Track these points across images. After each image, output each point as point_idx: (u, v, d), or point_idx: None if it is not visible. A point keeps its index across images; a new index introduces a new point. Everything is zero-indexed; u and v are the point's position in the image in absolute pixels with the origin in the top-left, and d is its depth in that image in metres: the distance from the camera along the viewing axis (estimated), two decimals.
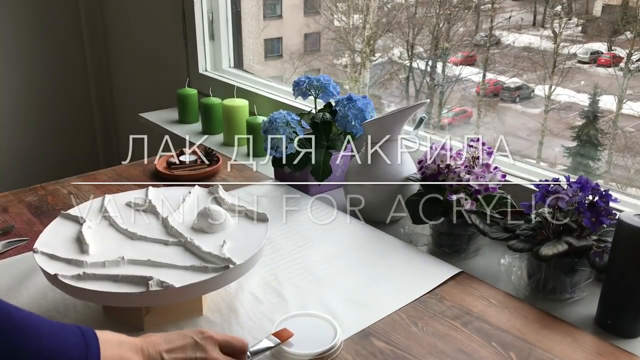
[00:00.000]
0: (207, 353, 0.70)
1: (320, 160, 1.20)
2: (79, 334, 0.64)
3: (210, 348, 0.71)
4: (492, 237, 0.95)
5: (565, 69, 1.42)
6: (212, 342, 0.72)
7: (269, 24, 2.14)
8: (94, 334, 0.65)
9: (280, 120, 1.20)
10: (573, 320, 0.86)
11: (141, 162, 1.41)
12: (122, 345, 0.67)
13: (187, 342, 0.71)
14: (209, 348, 0.71)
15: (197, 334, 0.72)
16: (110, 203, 1.03)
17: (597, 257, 0.86)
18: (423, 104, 1.12)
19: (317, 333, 0.80)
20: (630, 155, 1.32)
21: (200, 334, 0.72)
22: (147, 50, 2.23)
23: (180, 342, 0.71)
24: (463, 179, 0.97)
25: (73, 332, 0.63)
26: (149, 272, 0.80)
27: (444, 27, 1.66)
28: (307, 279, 0.95)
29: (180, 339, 0.71)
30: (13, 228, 1.10)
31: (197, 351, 0.70)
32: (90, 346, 0.63)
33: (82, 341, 0.63)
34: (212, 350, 0.71)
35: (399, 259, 1.01)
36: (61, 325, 0.64)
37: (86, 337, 0.64)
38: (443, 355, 0.78)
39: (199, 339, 0.71)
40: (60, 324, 0.64)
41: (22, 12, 2.36)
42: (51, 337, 0.61)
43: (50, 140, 2.57)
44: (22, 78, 2.44)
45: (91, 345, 0.64)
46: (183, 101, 1.76)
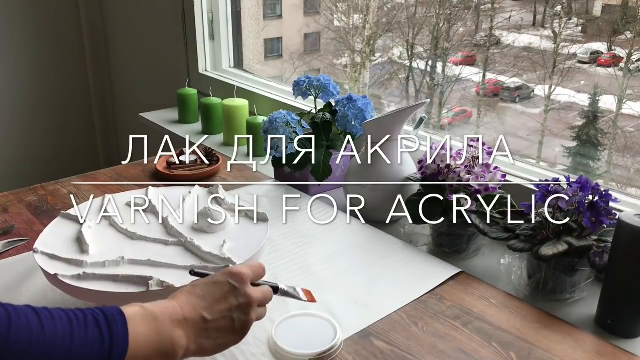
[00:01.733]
0: (248, 295, 0.67)
1: (320, 160, 1.20)
2: (102, 320, 0.59)
3: (248, 288, 0.67)
4: (492, 237, 0.95)
5: (565, 69, 1.42)
6: (247, 282, 0.68)
7: (269, 24, 2.14)
8: (120, 316, 0.60)
9: (280, 120, 1.20)
10: (573, 320, 0.86)
11: (141, 162, 1.41)
12: (158, 320, 0.62)
13: (225, 290, 0.66)
14: (247, 289, 0.67)
15: (229, 276, 0.67)
16: (110, 203, 1.03)
17: (597, 257, 0.86)
18: (423, 104, 1.12)
19: (317, 333, 0.80)
20: (630, 155, 1.32)
21: (233, 276, 0.67)
22: (147, 50, 2.23)
23: (218, 292, 0.66)
24: (463, 179, 0.97)
25: (94, 319, 0.59)
26: (149, 272, 0.80)
27: (444, 27, 1.66)
28: (307, 279, 0.95)
29: (217, 290, 0.67)
30: (13, 228, 1.10)
31: (237, 297, 0.67)
32: (116, 331, 0.59)
33: (105, 328, 0.58)
34: (250, 290, 0.67)
35: (399, 259, 1.01)
36: (79, 317, 0.59)
37: (111, 321, 0.59)
38: (443, 355, 0.78)
39: (235, 282, 0.67)
40: (79, 313, 0.59)
41: (22, 12, 2.36)
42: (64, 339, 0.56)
43: (50, 140, 2.57)
44: (22, 78, 2.44)
45: (117, 330, 0.59)
46: (183, 101, 1.76)
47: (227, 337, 0.67)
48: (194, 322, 0.64)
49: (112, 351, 0.58)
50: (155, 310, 0.63)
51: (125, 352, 0.59)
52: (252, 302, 0.67)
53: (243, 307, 0.67)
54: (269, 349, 0.78)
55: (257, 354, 0.77)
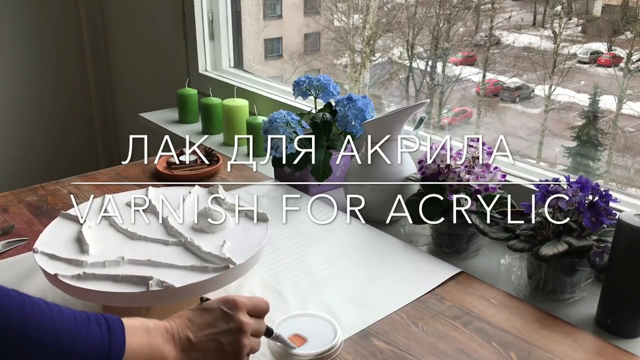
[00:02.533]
0: (238, 321, 0.68)
1: (320, 160, 1.20)
2: (103, 323, 0.62)
3: (241, 315, 0.69)
4: (492, 237, 0.95)
5: (565, 69, 1.42)
6: (241, 309, 0.69)
7: (269, 24, 2.14)
8: (119, 322, 0.63)
9: (280, 120, 1.20)
10: (573, 320, 0.86)
11: (141, 162, 1.41)
12: (152, 333, 0.65)
13: (216, 316, 0.68)
14: (239, 315, 0.69)
15: (223, 303, 0.69)
16: (110, 203, 1.03)
17: (597, 257, 0.86)
18: (423, 104, 1.12)
19: (317, 333, 0.80)
20: (630, 155, 1.32)
21: (227, 303, 0.69)
22: (147, 50, 2.23)
23: (208, 317, 0.68)
24: (463, 179, 0.97)
25: (96, 321, 0.62)
26: (149, 272, 0.80)
27: (444, 27, 1.66)
28: (307, 279, 0.95)
29: (208, 315, 0.69)
30: (13, 228, 1.10)
31: (228, 322, 0.68)
32: (115, 335, 0.61)
33: (105, 330, 0.61)
34: (243, 316, 0.69)
35: (399, 259, 1.01)
36: (83, 316, 0.62)
37: (111, 325, 0.62)
38: (443, 355, 0.78)
39: (227, 309, 0.69)
40: (83, 314, 0.62)
41: (22, 12, 2.36)
42: (69, 331, 0.59)
43: (50, 140, 2.57)
44: (22, 78, 2.44)
45: (116, 334, 0.62)
46: (183, 101, 1.76)
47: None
48: (180, 341, 0.67)
49: (110, 352, 0.60)
50: (150, 324, 0.66)
51: (121, 356, 0.61)
52: (244, 328, 0.68)
53: (233, 332, 0.68)
54: (269, 349, 0.78)
55: (257, 354, 0.77)
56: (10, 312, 0.57)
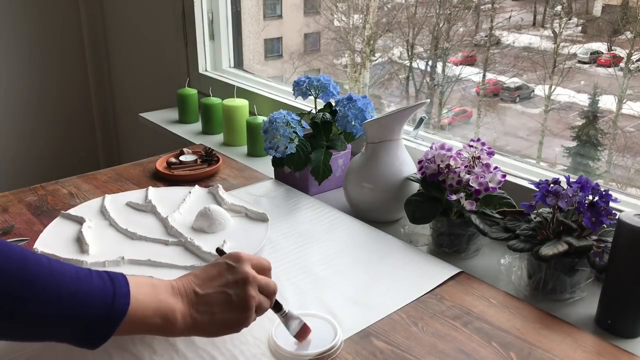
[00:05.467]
0: (244, 272, 0.69)
1: (320, 160, 1.20)
2: (106, 277, 0.62)
3: (245, 266, 0.70)
4: (492, 237, 0.95)
5: (565, 69, 1.42)
6: (245, 262, 0.71)
7: (269, 24, 2.14)
8: (122, 277, 0.64)
9: (280, 120, 1.20)
10: (573, 320, 0.86)
11: (141, 162, 1.41)
12: (157, 288, 0.66)
13: (221, 269, 0.70)
14: (244, 266, 0.70)
15: (226, 257, 0.72)
16: (110, 203, 1.03)
17: (597, 257, 0.86)
18: (423, 104, 1.12)
19: (317, 333, 0.80)
20: (630, 155, 1.32)
21: (231, 257, 0.71)
22: (147, 50, 2.23)
23: (213, 271, 0.70)
24: (463, 179, 0.98)
25: (98, 275, 0.62)
26: (149, 272, 0.80)
27: (444, 27, 1.66)
28: (307, 278, 0.95)
29: (213, 269, 0.71)
30: (13, 228, 1.10)
31: (233, 273, 0.69)
32: (119, 287, 0.62)
33: (108, 283, 0.62)
34: (247, 268, 0.70)
35: (399, 259, 1.01)
36: (85, 270, 0.62)
37: (114, 279, 0.63)
38: (443, 355, 0.78)
39: (232, 261, 0.70)
40: (85, 269, 0.63)
41: (22, 13, 2.36)
42: (72, 281, 0.59)
43: (50, 140, 2.57)
44: (22, 78, 2.44)
45: (120, 286, 0.62)
46: (183, 101, 1.76)
47: (225, 313, 0.68)
48: (187, 295, 0.67)
49: (114, 303, 0.61)
50: (155, 281, 0.67)
51: (126, 307, 0.61)
52: (249, 279, 0.69)
53: (239, 282, 0.69)
54: (269, 349, 0.78)
55: (257, 354, 0.77)
56: (12, 262, 0.57)
